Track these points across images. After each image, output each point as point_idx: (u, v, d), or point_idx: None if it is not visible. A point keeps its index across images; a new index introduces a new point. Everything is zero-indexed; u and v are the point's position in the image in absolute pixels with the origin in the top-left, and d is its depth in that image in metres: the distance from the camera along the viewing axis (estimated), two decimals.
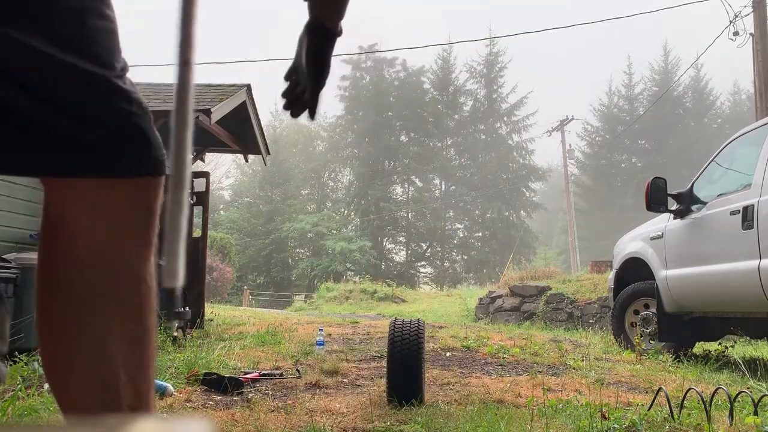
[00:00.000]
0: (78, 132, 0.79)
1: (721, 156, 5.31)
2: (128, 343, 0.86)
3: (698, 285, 4.91)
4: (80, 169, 0.81)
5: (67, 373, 0.86)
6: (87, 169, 0.81)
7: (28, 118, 0.77)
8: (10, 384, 3.02)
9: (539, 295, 12.42)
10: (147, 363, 0.89)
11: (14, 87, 0.75)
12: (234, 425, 2.53)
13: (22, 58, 0.75)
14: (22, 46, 0.75)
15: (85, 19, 0.81)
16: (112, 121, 0.81)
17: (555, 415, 2.71)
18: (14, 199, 5.16)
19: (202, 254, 7.17)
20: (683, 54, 46.99)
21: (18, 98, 0.76)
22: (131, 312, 0.86)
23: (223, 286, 20.63)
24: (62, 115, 0.78)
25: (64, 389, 0.87)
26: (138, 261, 0.87)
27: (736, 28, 13.26)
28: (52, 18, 0.78)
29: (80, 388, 0.85)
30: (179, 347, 4.78)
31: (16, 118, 0.77)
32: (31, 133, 0.78)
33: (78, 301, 0.84)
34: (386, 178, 40.39)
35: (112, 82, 0.82)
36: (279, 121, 44.04)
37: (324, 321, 8.55)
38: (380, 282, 23.66)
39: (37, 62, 0.76)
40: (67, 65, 0.77)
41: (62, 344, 0.85)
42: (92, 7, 0.83)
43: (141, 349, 0.88)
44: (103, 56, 0.82)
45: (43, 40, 0.76)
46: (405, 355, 2.98)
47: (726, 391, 2.63)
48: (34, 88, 0.77)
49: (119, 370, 0.84)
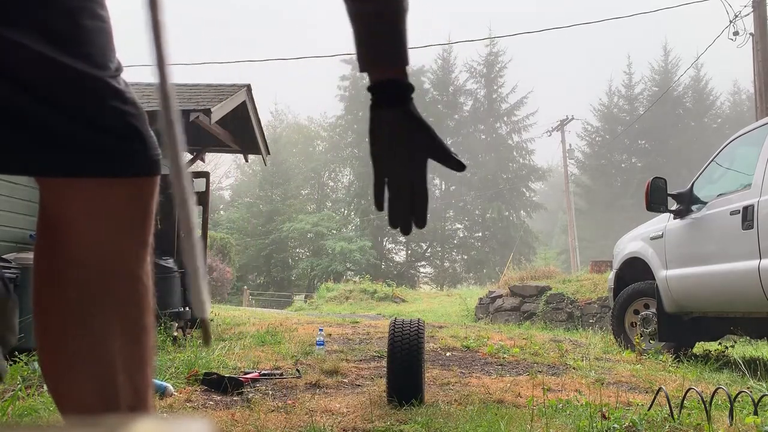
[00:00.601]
0: (74, 132, 0.79)
1: (721, 156, 5.31)
2: (126, 343, 0.86)
3: (698, 285, 4.91)
4: (77, 169, 0.81)
5: (65, 374, 0.86)
6: (83, 169, 0.81)
7: (24, 117, 0.77)
8: (10, 384, 3.02)
9: (539, 295, 12.41)
10: (145, 362, 0.89)
11: (9, 86, 0.75)
12: (234, 425, 2.53)
13: (15, 58, 0.75)
14: (14, 45, 0.75)
15: (78, 20, 0.82)
16: (107, 121, 0.81)
17: (555, 415, 2.71)
18: (14, 199, 5.16)
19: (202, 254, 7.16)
20: (683, 54, 47.07)
21: (13, 98, 0.76)
22: (129, 311, 0.86)
23: (223, 286, 20.63)
24: (57, 115, 0.78)
25: (62, 390, 0.87)
26: (135, 260, 0.87)
27: (736, 28, 13.27)
28: (45, 18, 0.79)
29: (79, 389, 0.85)
30: (179, 347, 4.78)
31: (12, 118, 0.77)
32: (28, 132, 0.78)
33: (75, 301, 0.84)
34: None
35: (106, 82, 0.82)
36: (279, 121, 44.10)
37: (324, 321, 8.54)
38: (380, 282, 23.64)
39: (31, 62, 0.76)
40: (60, 65, 0.78)
41: (60, 344, 0.85)
42: (85, 7, 0.83)
43: (139, 348, 0.88)
44: (96, 56, 0.82)
45: (36, 39, 0.76)
46: (405, 355, 2.98)
47: (726, 391, 2.63)
48: (30, 87, 0.77)
49: (118, 370, 0.84)
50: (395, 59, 0.89)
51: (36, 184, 0.86)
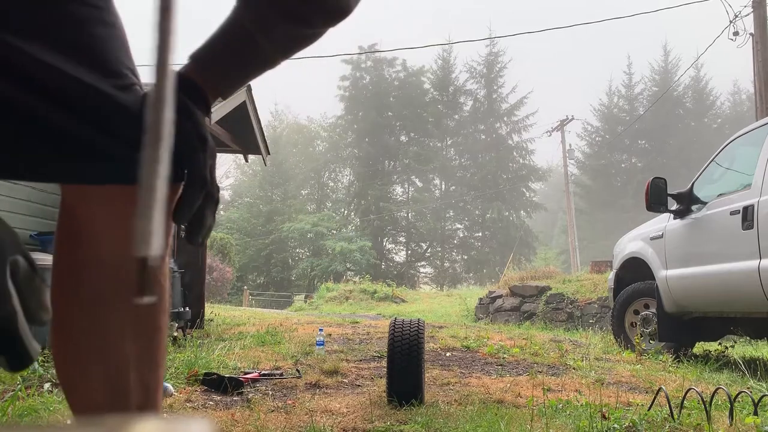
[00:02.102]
0: (95, 140, 0.80)
1: (721, 156, 5.31)
2: (140, 343, 0.87)
3: (698, 285, 4.91)
4: (99, 176, 0.82)
5: (79, 372, 0.87)
6: (106, 176, 0.82)
7: (47, 127, 0.78)
8: (10, 384, 3.02)
9: (539, 295, 12.42)
10: (158, 362, 0.90)
11: (34, 97, 0.76)
12: (234, 425, 2.53)
13: (34, 69, 0.76)
14: (32, 57, 0.75)
15: (88, 28, 0.82)
16: (127, 130, 0.82)
17: (555, 415, 2.71)
18: (14, 199, 5.16)
19: (202, 254, 7.17)
20: (683, 54, 47.17)
21: (38, 108, 0.77)
22: (144, 312, 0.87)
23: (223, 286, 20.62)
24: (80, 124, 0.79)
25: (75, 388, 0.88)
26: None
27: (736, 28, 13.27)
28: (58, 29, 0.79)
29: (91, 387, 0.86)
30: (179, 347, 4.78)
31: (36, 127, 0.78)
32: (53, 142, 0.78)
33: (93, 300, 0.86)
34: (386, 178, 40.40)
35: (127, 89, 0.82)
36: (279, 121, 44.10)
37: (324, 321, 8.55)
38: (380, 282, 23.66)
39: (50, 73, 0.77)
40: (75, 74, 0.78)
41: (76, 343, 0.87)
42: (95, 16, 0.83)
43: (152, 348, 0.89)
44: (111, 64, 0.83)
45: (51, 50, 0.77)
46: (405, 355, 2.98)
47: (726, 391, 2.63)
48: (51, 99, 0.77)
49: (130, 369, 0.86)
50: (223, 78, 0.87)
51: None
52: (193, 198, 0.76)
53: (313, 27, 0.86)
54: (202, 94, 0.83)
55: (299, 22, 0.85)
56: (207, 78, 0.84)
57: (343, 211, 41.46)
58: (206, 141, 0.79)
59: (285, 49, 0.87)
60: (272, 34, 0.84)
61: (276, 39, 0.85)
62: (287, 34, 0.86)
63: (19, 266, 0.67)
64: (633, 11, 52.83)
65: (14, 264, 0.66)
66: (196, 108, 0.80)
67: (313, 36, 0.88)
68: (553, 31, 35.96)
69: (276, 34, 0.85)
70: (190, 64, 0.85)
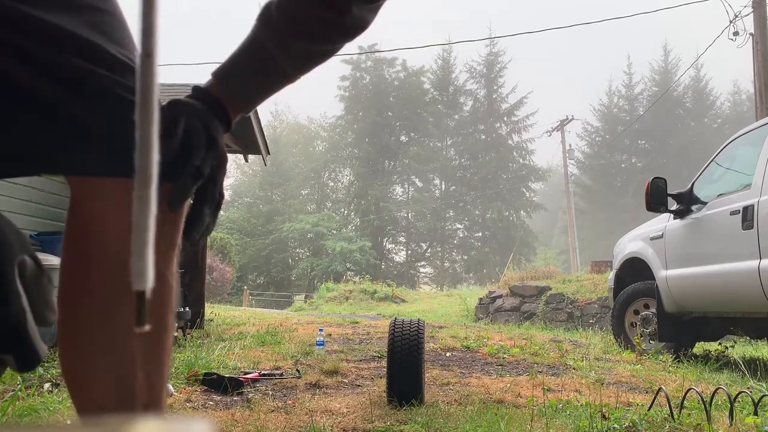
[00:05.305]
0: (106, 133, 0.80)
1: (721, 156, 5.31)
2: (147, 342, 0.86)
3: (698, 285, 4.91)
4: (110, 169, 0.81)
5: (85, 371, 0.87)
6: (117, 170, 0.81)
7: (60, 119, 0.78)
8: (10, 384, 3.02)
9: (539, 295, 12.43)
10: (163, 362, 0.89)
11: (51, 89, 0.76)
12: (234, 425, 2.53)
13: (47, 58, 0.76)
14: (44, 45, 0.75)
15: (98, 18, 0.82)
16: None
17: (555, 415, 2.71)
18: (14, 199, 5.15)
19: (202, 254, 7.17)
20: (683, 54, 47.15)
21: (51, 98, 0.77)
22: (152, 310, 0.87)
23: (223, 286, 20.61)
24: (91, 116, 0.79)
25: (81, 387, 0.88)
26: (163, 260, 0.87)
27: (736, 28, 13.27)
28: (69, 20, 0.79)
29: (97, 386, 0.86)
30: (179, 347, 4.78)
31: (48, 120, 0.77)
32: (63, 132, 0.78)
33: (103, 300, 0.85)
34: (386, 178, 40.41)
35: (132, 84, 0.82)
36: (279, 121, 44.10)
37: (324, 321, 8.55)
38: (380, 282, 23.67)
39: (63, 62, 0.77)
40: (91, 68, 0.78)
41: (83, 342, 0.86)
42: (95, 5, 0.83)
43: (158, 347, 0.88)
44: (121, 55, 0.82)
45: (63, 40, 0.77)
46: (405, 355, 2.98)
47: (726, 391, 2.63)
48: (64, 85, 0.77)
49: (136, 369, 0.85)
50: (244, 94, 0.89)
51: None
52: (202, 212, 0.80)
53: (332, 43, 0.89)
54: (223, 109, 0.86)
55: (318, 39, 0.88)
56: (229, 94, 0.87)
57: (343, 211, 41.46)
58: (219, 151, 0.82)
59: (304, 64, 0.90)
60: (291, 51, 0.87)
61: (295, 55, 0.88)
62: (306, 51, 0.89)
63: (27, 266, 0.67)
64: (633, 11, 52.81)
65: (22, 264, 0.66)
66: (215, 120, 0.83)
67: (331, 51, 0.91)
68: (554, 31, 35.87)
69: (295, 51, 0.88)
70: (213, 81, 0.88)
